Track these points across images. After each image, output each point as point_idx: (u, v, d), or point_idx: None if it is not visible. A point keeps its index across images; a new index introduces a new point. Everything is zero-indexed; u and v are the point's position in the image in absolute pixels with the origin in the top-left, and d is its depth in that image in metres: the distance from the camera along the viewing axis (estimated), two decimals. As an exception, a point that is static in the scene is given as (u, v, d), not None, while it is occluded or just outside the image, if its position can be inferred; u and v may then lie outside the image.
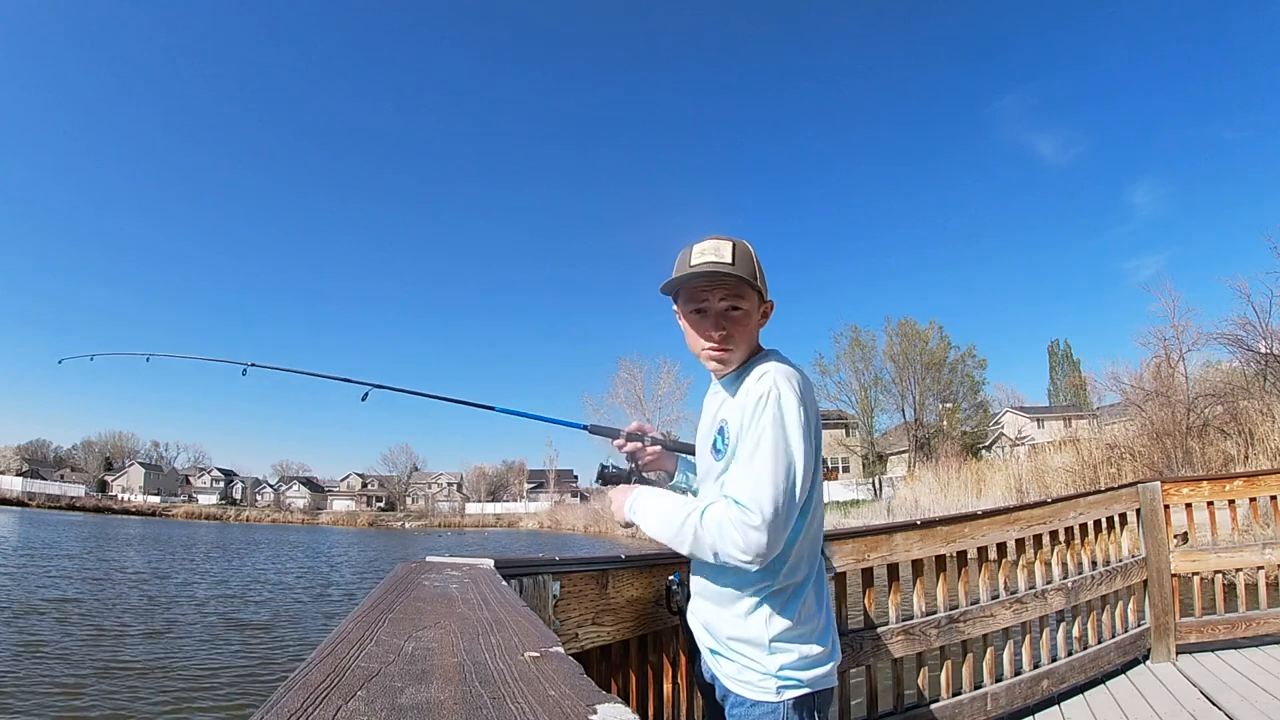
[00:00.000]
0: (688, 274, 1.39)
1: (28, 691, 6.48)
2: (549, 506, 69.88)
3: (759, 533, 1.24)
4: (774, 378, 1.33)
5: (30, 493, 65.33)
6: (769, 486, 1.26)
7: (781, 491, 1.26)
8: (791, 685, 1.36)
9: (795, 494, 1.28)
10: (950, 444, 37.30)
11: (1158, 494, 3.95)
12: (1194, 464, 18.85)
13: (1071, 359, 54.84)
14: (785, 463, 1.27)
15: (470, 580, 1.20)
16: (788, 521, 1.28)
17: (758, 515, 1.24)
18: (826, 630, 1.43)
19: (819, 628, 1.41)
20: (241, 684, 7.19)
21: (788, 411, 1.30)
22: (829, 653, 1.42)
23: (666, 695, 2.02)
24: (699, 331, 1.43)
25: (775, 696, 1.36)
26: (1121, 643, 3.64)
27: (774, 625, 1.37)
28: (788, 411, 1.30)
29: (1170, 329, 23.48)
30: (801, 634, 1.39)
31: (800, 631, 1.39)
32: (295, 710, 0.47)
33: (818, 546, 1.46)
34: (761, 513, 1.24)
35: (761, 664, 1.37)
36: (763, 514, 1.24)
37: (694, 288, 1.41)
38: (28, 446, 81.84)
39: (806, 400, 1.34)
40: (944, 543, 2.97)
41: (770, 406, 1.30)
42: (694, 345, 1.46)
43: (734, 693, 1.41)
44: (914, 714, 2.77)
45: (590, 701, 0.51)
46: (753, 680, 1.38)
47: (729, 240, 1.41)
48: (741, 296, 1.40)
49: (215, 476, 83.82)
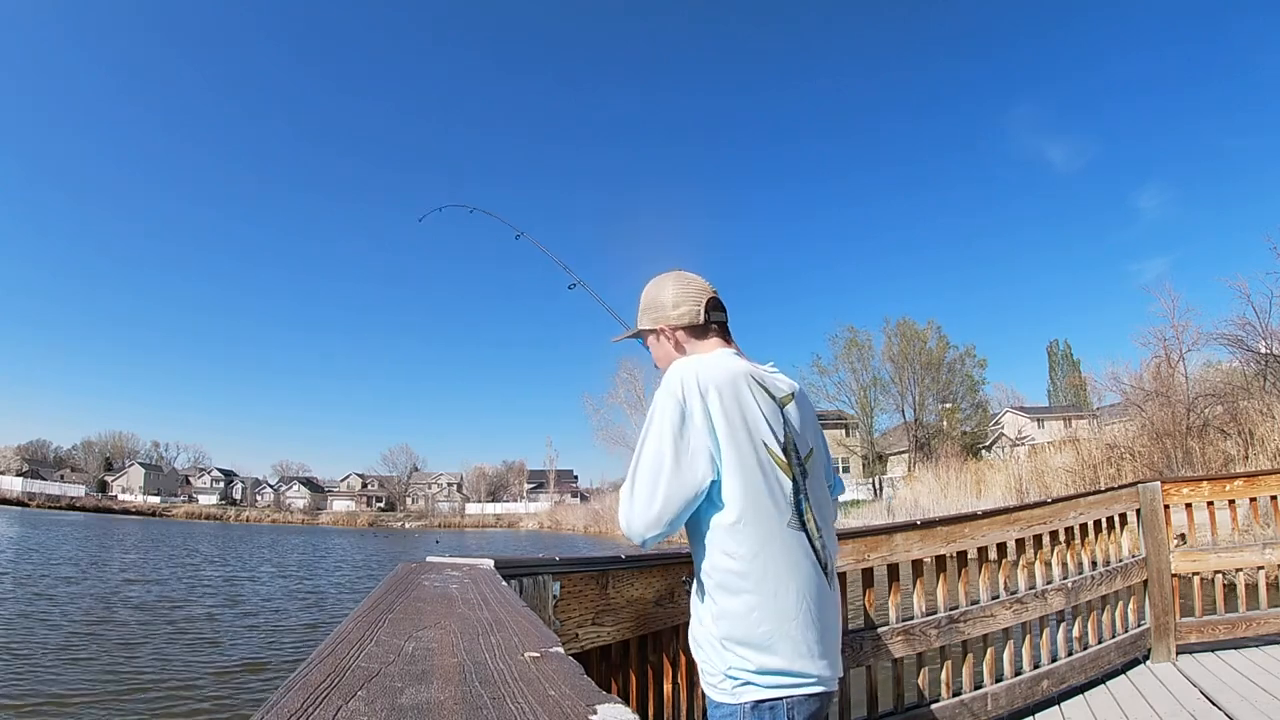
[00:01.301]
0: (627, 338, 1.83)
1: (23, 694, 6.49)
2: (549, 507, 69.92)
3: (625, 515, 1.42)
4: (658, 394, 1.50)
5: (30, 493, 65.33)
6: (629, 475, 1.44)
7: (635, 480, 1.41)
8: (745, 685, 1.35)
9: (647, 482, 1.39)
10: (950, 444, 37.29)
11: (1158, 494, 3.95)
12: (1194, 464, 18.85)
13: (1071, 359, 54.86)
14: (640, 455, 1.43)
15: (470, 580, 1.20)
16: (640, 504, 1.39)
17: (630, 494, 1.42)
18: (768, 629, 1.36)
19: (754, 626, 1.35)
20: (240, 685, 7.19)
21: (656, 410, 1.45)
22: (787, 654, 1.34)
23: (666, 695, 2.02)
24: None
25: (732, 698, 1.36)
26: (1122, 643, 3.64)
27: (719, 624, 1.39)
28: (656, 410, 1.45)
29: (1170, 329, 23.48)
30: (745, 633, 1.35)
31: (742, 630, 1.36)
32: (295, 710, 0.47)
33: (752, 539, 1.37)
34: (632, 488, 1.42)
35: (712, 663, 1.40)
36: (631, 490, 1.42)
37: None
38: (28, 446, 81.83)
39: (683, 393, 1.42)
40: (944, 543, 2.97)
41: (650, 416, 1.46)
42: None
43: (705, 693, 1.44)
44: (914, 714, 2.77)
45: (590, 701, 0.51)
46: (711, 680, 1.42)
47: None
48: (645, 343, 1.73)
49: (215, 477, 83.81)
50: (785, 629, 1.35)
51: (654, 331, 1.68)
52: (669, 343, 1.66)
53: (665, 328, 1.65)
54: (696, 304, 1.64)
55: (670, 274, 1.71)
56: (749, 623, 1.36)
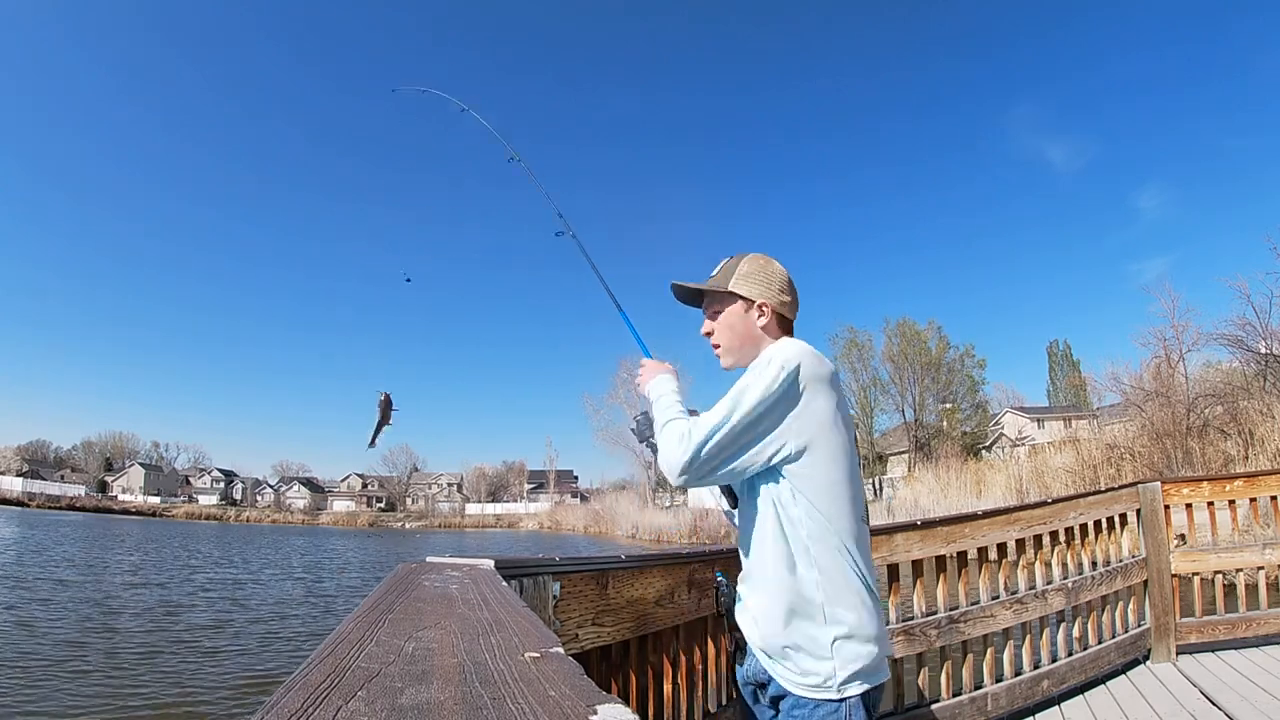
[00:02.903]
0: (676, 290, 1.69)
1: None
2: (549, 507, 69.87)
3: (682, 450, 1.36)
4: (770, 350, 1.48)
5: (30, 493, 65.33)
6: (711, 417, 1.38)
7: (718, 425, 1.36)
8: (851, 681, 1.37)
9: (732, 432, 1.36)
10: (950, 444, 37.30)
11: (1158, 494, 3.95)
12: (1194, 464, 18.85)
13: (1071, 359, 54.80)
14: (732, 404, 1.38)
15: (470, 581, 1.20)
16: (712, 454, 1.36)
17: (692, 437, 1.37)
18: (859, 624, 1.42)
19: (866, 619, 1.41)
20: (237, 686, 7.18)
21: (762, 373, 1.40)
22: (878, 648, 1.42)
23: (666, 695, 2.02)
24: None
25: (836, 694, 1.36)
26: (1122, 643, 3.64)
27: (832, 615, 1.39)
28: (762, 373, 1.40)
29: (1170, 329, 23.48)
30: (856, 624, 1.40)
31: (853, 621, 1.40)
32: (295, 710, 0.47)
33: (837, 536, 1.41)
34: (693, 434, 1.37)
35: (818, 663, 1.37)
36: (694, 436, 1.37)
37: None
38: (28, 447, 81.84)
39: (803, 372, 1.40)
40: (944, 543, 2.97)
41: (756, 366, 1.44)
42: None
43: (791, 693, 1.39)
44: (914, 714, 2.77)
45: (590, 702, 0.51)
46: (812, 680, 1.37)
47: (729, 257, 1.65)
48: (717, 301, 1.62)
49: (215, 477, 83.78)
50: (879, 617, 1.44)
51: (749, 301, 1.58)
52: (761, 320, 1.58)
53: (767, 304, 1.58)
54: (797, 302, 1.63)
55: (775, 260, 1.66)
56: (861, 616, 1.39)
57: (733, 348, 1.59)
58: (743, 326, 1.59)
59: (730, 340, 1.60)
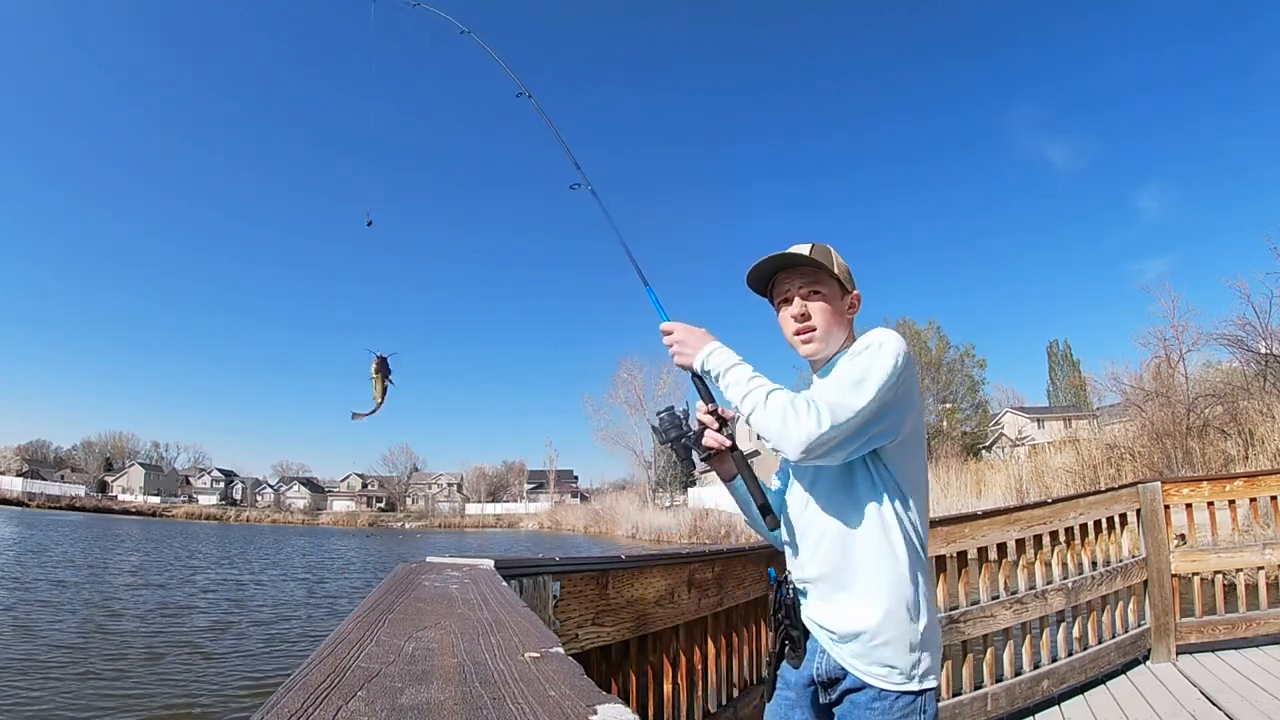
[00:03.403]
0: (764, 261, 1.51)
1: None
2: (549, 507, 69.83)
3: (816, 424, 1.27)
4: (881, 333, 1.41)
5: (30, 493, 65.32)
6: (839, 393, 1.31)
7: (855, 404, 1.30)
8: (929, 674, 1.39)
9: (869, 410, 1.31)
10: (950, 444, 37.26)
11: (1158, 494, 3.95)
12: (1194, 464, 18.84)
13: (1071, 359, 54.80)
14: (858, 382, 1.32)
15: (470, 581, 1.20)
16: (848, 431, 1.30)
17: (825, 409, 1.28)
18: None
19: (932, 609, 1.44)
20: (237, 687, 7.17)
21: (878, 356, 1.36)
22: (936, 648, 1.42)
23: (666, 695, 2.02)
24: (787, 317, 1.54)
25: (917, 686, 1.37)
26: (1122, 643, 3.64)
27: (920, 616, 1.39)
28: (878, 356, 1.36)
29: (1170, 329, 23.48)
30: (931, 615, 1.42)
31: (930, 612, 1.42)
32: (295, 710, 0.47)
33: (923, 527, 1.43)
34: (828, 408, 1.29)
35: (907, 656, 1.38)
36: (830, 410, 1.28)
37: (779, 279, 1.54)
38: (28, 447, 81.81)
39: (908, 358, 1.39)
40: (944, 543, 2.97)
41: (871, 348, 1.37)
42: (786, 332, 1.56)
43: (872, 685, 1.38)
44: (914, 714, 2.76)
45: (590, 702, 0.51)
46: (898, 674, 1.37)
47: (808, 244, 1.54)
48: (819, 282, 1.50)
49: (215, 477, 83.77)
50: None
51: (847, 291, 1.54)
52: (850, 312, 1.55)
53: (857, 297, 1.56)
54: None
55: None
56: (935, 609, 1.41)
57: (826, 334, 1.51)
58: (835, 316, 1.52)
59: (827, 325, 1.51)
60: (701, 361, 1.47)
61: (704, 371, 1.48)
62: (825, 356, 1.52)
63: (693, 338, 1.50)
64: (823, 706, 1.47)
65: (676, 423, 1.55)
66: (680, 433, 1.54)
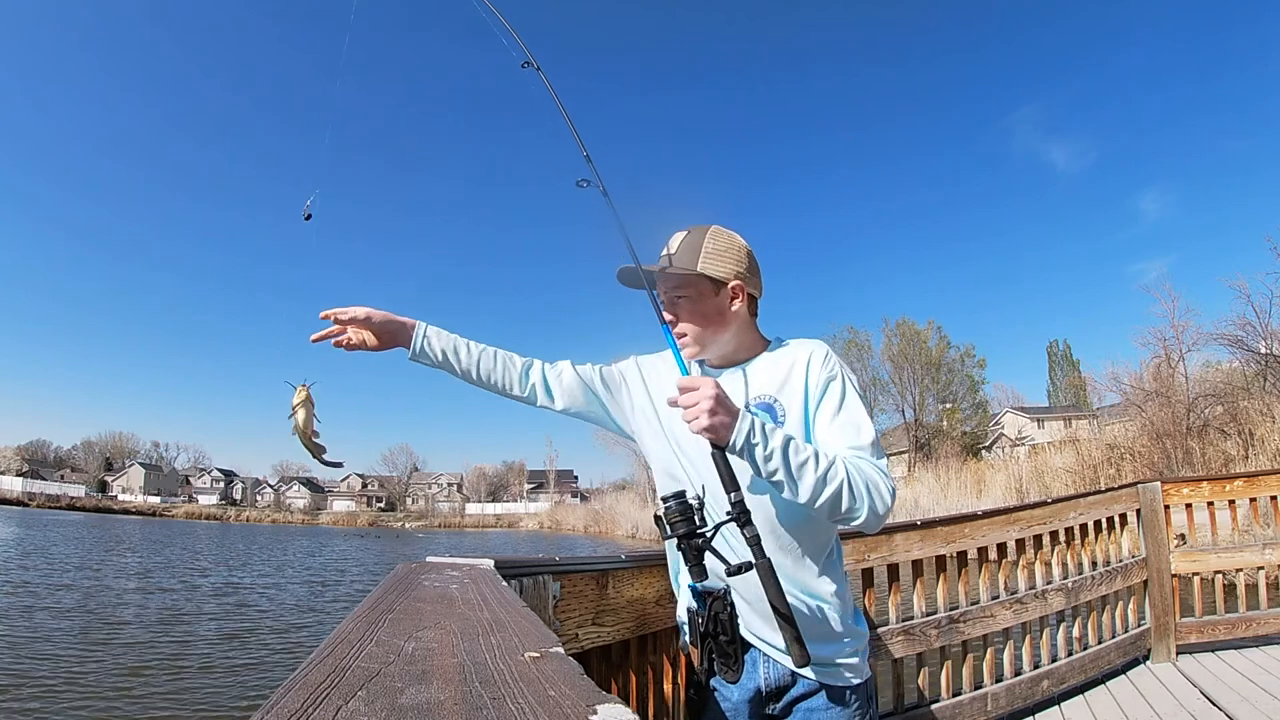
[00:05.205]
0: (624, 270, 1.45)
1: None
2: (549, 507, 69.86)
3: (888, 487, 1.28)
4: (828, 355, 1.40)
5: (30, 493, 65.35)
6: (862, 439, 1.33)
7: (870, 441, 1.34)
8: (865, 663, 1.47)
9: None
10: (950, 444, 37.28)
11: (1158, 494, 3.95)
12: (1194, 464, 18.86)
13: (1071, 359, 54.82)
14: (856, 418, 1.35)
15: (470, 580, 1.20)
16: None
17: (877, 466, 1.29)
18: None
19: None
20: (237, 688, 7.17)
21: (850, 383, 1.38)
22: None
23: (666, 695, 2.02)
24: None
25: (861, 679, 1.42)
26: (1122, 643, 3.64)
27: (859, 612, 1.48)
28: (850, 383, 1.38)
29: (1170, 329, 23.52)
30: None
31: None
32: (295, 710, 0.47)
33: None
34: (873, 465, 1.29)
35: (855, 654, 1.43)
36: (876, 468, 1.29)
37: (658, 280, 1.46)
38: (28, 447, 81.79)
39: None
40: (944, 543, 2.97)
41: (835, 381, 1.37)
42: None
43: (831, 685, 1.38)
44: (914, 714, 2.77)
45: (590, 702, 0.51)
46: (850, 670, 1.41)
47: (684, 231, 1.46)
48: (681, 286, 1.42)
49: (215, 477, 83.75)
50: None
51: (719, 283, 1.40)
52: (738, 306, 1.42)
53: (741, 286, 1.42)
54: (761, 281, 1.49)
55: (736, 233, 1.46)
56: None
57: (699, 335, 1.42)
58: (713, 311, 1.40)
59: (697, 328, 1.41)
60: (746, 433, 1.16)
61: (747, 445, 1.16)
62: (722, 355, 1.45)
63: (724, 405, 1.18)
64: (766, 717, 1.42)
65: (687, 515, 1.18)
66: (691, 529, 1.18)
